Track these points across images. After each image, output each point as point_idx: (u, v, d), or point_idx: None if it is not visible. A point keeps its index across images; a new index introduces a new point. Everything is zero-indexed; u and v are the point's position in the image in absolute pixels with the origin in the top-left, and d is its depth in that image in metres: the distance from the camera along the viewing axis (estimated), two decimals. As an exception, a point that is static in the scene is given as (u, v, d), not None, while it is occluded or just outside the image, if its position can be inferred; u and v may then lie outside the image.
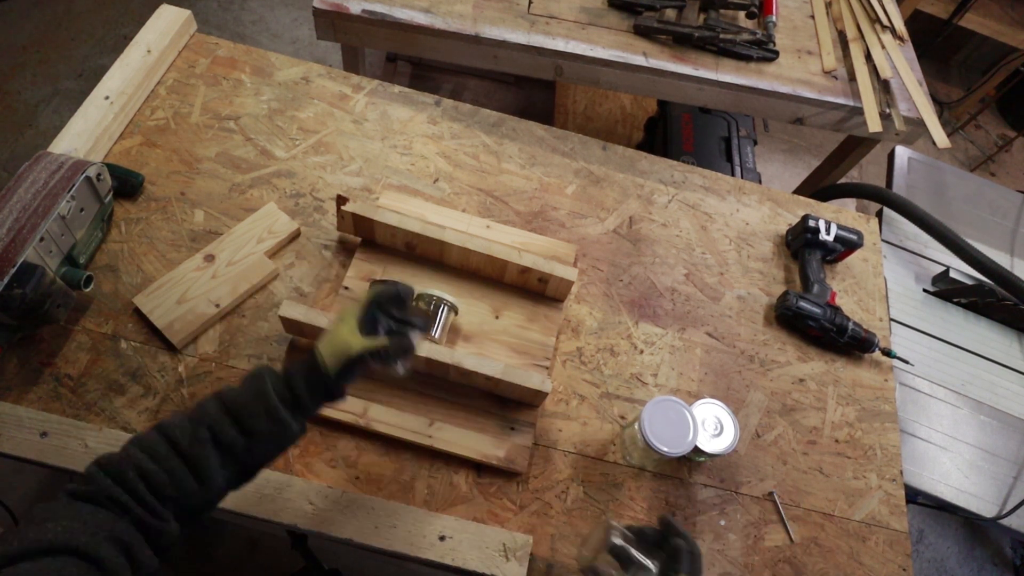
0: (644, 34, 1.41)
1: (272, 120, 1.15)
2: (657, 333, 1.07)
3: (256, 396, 0.66)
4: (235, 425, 0.64)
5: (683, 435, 0.87)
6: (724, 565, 0.91)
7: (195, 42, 1.21)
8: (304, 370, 0.68)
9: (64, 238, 0.89)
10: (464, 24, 1.34)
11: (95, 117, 1.05)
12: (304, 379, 0.68)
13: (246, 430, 0.64)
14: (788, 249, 1.21)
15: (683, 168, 1.27)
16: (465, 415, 0.92)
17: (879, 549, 0.96)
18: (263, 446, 0.66)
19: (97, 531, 0.54)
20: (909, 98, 1.43)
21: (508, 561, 0.82)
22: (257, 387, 0.66)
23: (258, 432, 0.65)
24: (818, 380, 1.08)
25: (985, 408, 1.26)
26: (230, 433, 0.64)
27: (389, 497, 0.86)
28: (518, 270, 0.99)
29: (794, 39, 1.50)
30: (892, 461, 1.03)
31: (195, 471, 0.62)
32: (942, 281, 1.36)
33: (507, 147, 1.22)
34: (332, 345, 0.69)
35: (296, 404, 0.67)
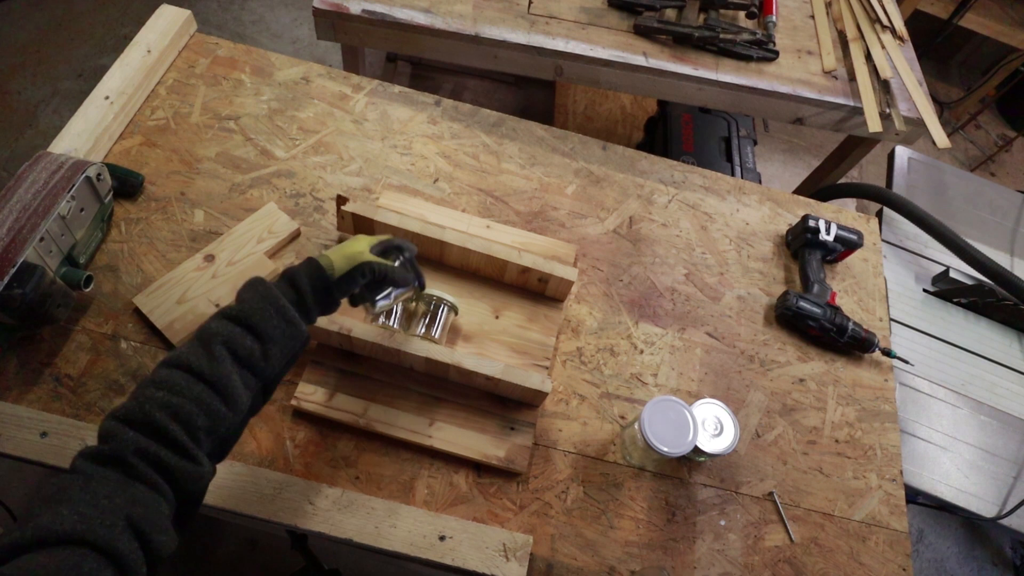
0: (644, 34, 1.41)
1: (272, 120, 1.15)
2: (657, 333, 1.07)
3: (263, 299, 0.65)
4: (248, 333, 0.63)
5: (683, 435, 0.87)
6: (724, 565, 0.91)
7: (195, 42, 1.21)
8: (307, 271, 0.69)
9: (64, 238, 0.89)
10: (464, 24, 1.34)
11: (95, 117, 1.05)
12: (306, 276, 0.68)
13: (260, 335, 0.63)
14: (788, 249, 1.21)
15: (683, 168, 1.27)
16: (465, 415, 0.92)
17: (879, 549, 0.96)
18: (278, 352, 0.65)
19: (115, 520, 0.51)
20: (909, 98, 1.43)
21: (508, 561, 0.82)
22: (261, 292, 0.65)
23: (271, 335, 0.64)
24: (818, 380, 1.08)
25: (985, 408, 1.26)
26: (246, 343, 0.62)
27: (389, 497, 0.87)
28: (518, 270, 0.99)
29: (794, 39, 1.50)
30: (892, 461, 1.03)
31: (222, 393, 0.60)
32: (942, 281, 1.36)
33: (507, 147, 1.22)
34: (342, 252, 0.72)
35: (301, 303, 0.67)
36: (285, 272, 0.69)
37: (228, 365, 0.61)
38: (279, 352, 0.65)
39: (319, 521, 0.81)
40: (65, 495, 0.51)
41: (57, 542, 0.49)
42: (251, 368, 0.63)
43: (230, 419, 0.61)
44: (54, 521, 0.49)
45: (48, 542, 0.48)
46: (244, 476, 0.82)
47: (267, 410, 0.89)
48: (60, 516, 0.49)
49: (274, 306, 0.65)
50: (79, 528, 0.49)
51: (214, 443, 0.60)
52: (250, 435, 0.88)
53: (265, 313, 0.64)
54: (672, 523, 0.92)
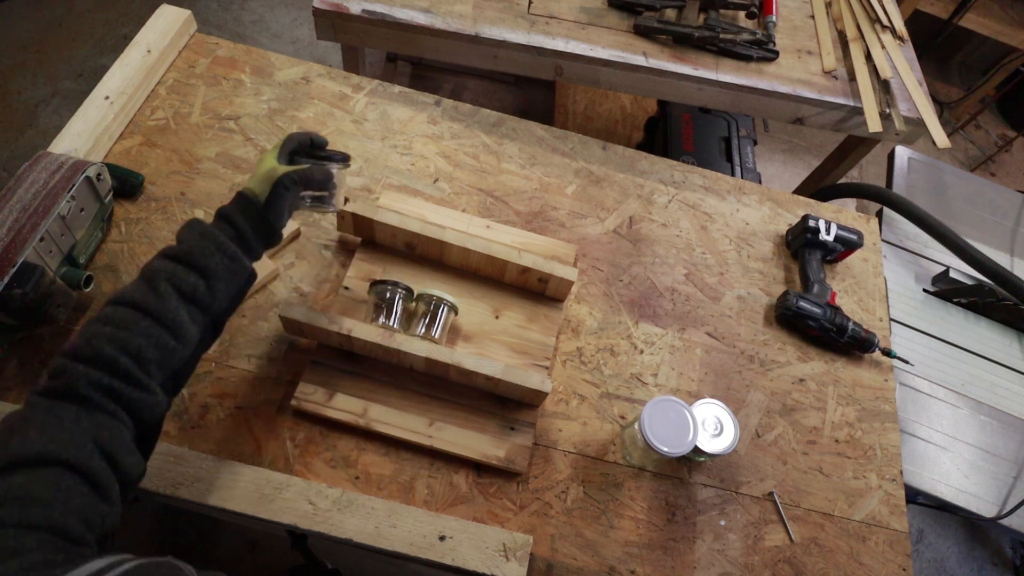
0: (644, 34, 1.41)
1: (272, 120, 1.15)
2: (657, 333, 1.07)
3: (202, 237, 0.67)
4: (192, 271, 0.64)
5: (683, 435, 0.87)
6: (724, 565, 0.91)
7: (195, 42, 1.21)
8: (237, 205, 0.70)
9: (64, 238, 0.89)
10: (464, 24, 1.34)
11: (95, 117, 1.05)
12: (239, 212, 0.70)
13: (204, 272, 0.65)
14: (788, 249, 1.21)
15: (683, 168, 1.27)
16: (465, 415, 0.92)
17: (879, 549, 0.96)
18: (223, 288, 0.67)
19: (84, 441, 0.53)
20: (909, 98, 1.43)
21: (508, 561, 0.82)
22: (199, 230, 0.67)
23: (215, 271, 0.65)
24: (818, 380, 1.08)
25: (985, 408, 1.26)
26: (189, 279, 0.64)
27: (389, 497, 0.87)
28: (518, 270, 0.99)
29: (794, 39, 1.50)
30: (892, 461, 1.03)
31: (170, 327, 0.62)
32: (942, 281, 1.36)
33: (507, 147, 1.22)
34: (256, 177, 0.72)
35: (240, 239, 0.69)
36: (218, 212, 0.71)
37: (174, 300, 0.62)
38: (224, 288, 0.67)
39: (319, 521, 0.81)
40: (30, 423, 0.53)
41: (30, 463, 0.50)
42: (197, 304, 0.64)
43: (180, 352, 0.63)
44: (24, 444, 0.51)
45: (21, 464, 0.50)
46: (244, 476, 0.82)
47: (267, 410, 0.90)
48: (30, 439, 0.51)
49: (214, 243, 0.66)
50: (50, 448, 0.51)
51: (166, 376, 0.62)
52: (250, 435, 0.88)
53: (206, 250, 0.66)
54: (672, 523, 0.92)
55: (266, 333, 0.95)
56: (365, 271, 1.00)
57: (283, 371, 0.93)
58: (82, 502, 0.51)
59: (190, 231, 0.68)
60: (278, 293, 0.99)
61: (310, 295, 0.99)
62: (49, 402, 0.55)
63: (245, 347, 0.93)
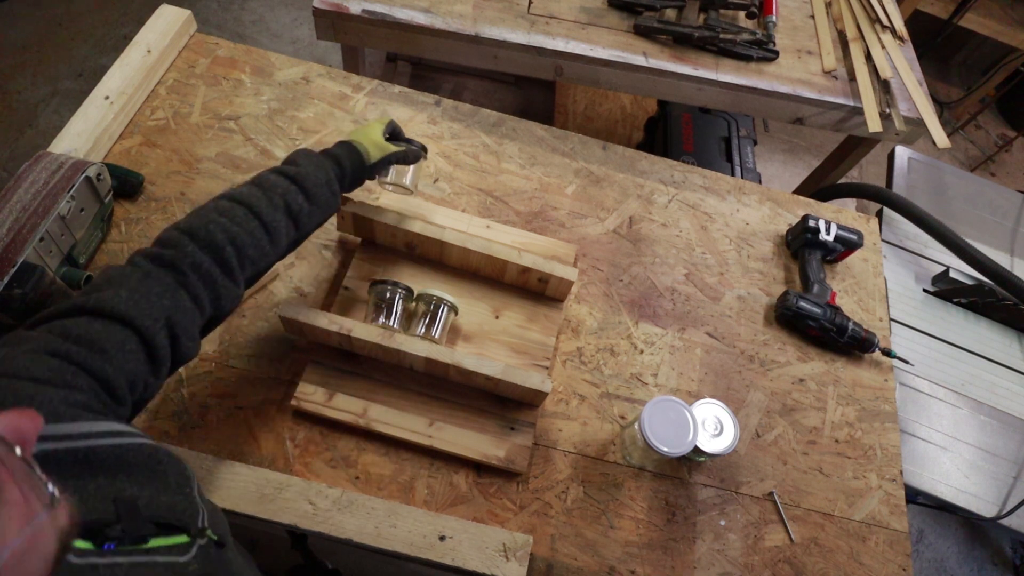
0: (644, 34, 1.41)
1: (272, 120, 1.15)
2: (657, 333, 1.07)
3: (318, 168, 0.77)
4: (302, 192, 0.74)
5: (683, 435, 0.87)
6: (724, 565, 0.91)
7: (195, 42, 1.21)
8: (350, 155, 0.81)
9: (64, 238, 0.89)
10: (464, 24, 1.34)
11: (95, 117, 1.05)
12: (350, 163, 0.81)
13: (310, 197, 0.75)
14: (788, 249, 1.21)
15: (683, 168, 1.27)
16: (465, 415, 0.92)
17: (879, 549, 0.96)
18: (318, 214, 0.77)
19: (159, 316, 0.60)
20: (909, 98, 1.43)
21: (508, 561, 0.82)
22: (316, 161, 0.78)
23: (319, 201, 0.76)
24: (818, 380, 1.08)
25: (985, 408, 1.26)
26: (299, 200, 0.74)
27: (389, 497, 0.87)
28: (518, 270, 0.99)
29: (794, 39, 1.50)
30: (892, 461, 1.03)
31: (271, 234, 0.71)
32: (942, 281, 1.36)
33: (507, 147, 1.22)
34: (372, 143, 0.84)
35: (342, 179, 0.80)
36: (329, 152, 0.80)
37: (282, 214, 0.72)
38: (319, 214, 0.77)
39: (319, 521, 0.81)
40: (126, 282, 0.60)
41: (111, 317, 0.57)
42: (296, 221, 0.74)
43: (271, 256, 0.72)
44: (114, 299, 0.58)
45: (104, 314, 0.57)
46: (244, 476, 0.82)
47: (267, 410, 0.90)
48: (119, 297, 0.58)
49: (326, 178, 0.77)
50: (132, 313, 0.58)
51: (252, 272, 0.71)
52: (250, 435, 0.88)
53: (318, 181, 0.76)
54: (672, 523, 0.92)
55: (266, 333, 0.95)
56: (365, 271, 1.00)
57: (283, 371, 0.93)
58: (136, 368, 0.58)
59: (307, 159, 0.77)
60: (278, 293, 0.99)
61: (310, 295, 0.99)
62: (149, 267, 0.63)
63: (245, 347, 0.93)
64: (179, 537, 0.51)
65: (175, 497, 0.53)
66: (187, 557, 0.51)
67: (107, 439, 0.51)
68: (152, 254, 0.64)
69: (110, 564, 0.45)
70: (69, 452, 0.47)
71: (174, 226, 0.67)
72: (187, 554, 0.51)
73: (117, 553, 0.46)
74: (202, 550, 0.52)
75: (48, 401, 0.49)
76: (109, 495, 0.48)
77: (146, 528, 0.48)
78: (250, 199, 0.70)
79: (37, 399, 0.49)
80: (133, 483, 0.50)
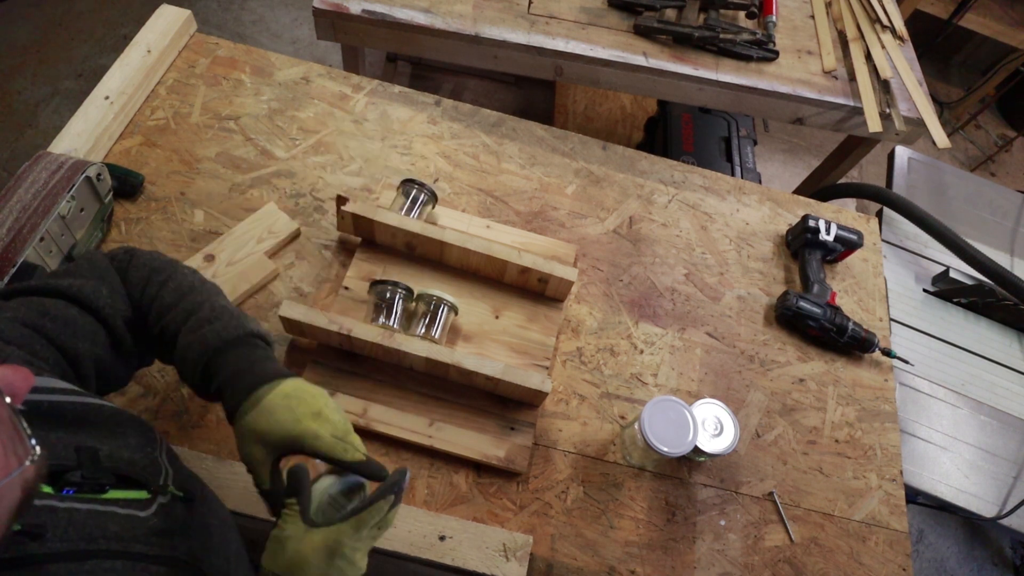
0: (644, 34, 1.41)
1: (272, 120, 1.15)
2: (657, 333, 1.07)
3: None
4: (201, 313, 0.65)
5: (683, 435, 0.87)
6: (724, 565, 0.91)
7: (195, 42, 1.21)
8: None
9: (64, 238, 0.89)
10: (464, 24, 1.34)
11: (95, 117, 1.05)
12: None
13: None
14: (788, 249, 1.21)
15: (683, 168, 1.27)
16: (465, 415, 0.92)
17: (879, 549, 0.96)
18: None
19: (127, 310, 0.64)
20: (909, 98, 1.43)
21: (508, 561, 0.82)
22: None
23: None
24: (818, 380, 1.08)
25: (985, 408, 1.26)
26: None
27: (389, 497, 0.86)
28: (518, 270, 0.99)
29: (794, 39, 1.50)
30: (892, 461, 1.03)
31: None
32: (942, 281, 1.36)
33: (507, 147, 1.22)
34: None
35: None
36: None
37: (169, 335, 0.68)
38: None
39: (319, 521, 0.81)
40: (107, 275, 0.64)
41: (82, 306, 0.60)
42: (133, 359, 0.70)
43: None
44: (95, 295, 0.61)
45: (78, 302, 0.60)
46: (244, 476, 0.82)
47: (267, 410, 0.90)
48: (100, 293, 0.62)
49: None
50: (107, 312, 0.61)
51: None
52: (250, 435, 0.88)
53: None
54: (672, 523, 0.92)
55: (266, 333, 0.95)
56: (365, 271, 1.00)
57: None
58: (103, 356, 0.61)
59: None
60: (278, 293, 0.99)
61: (310, 295, 0.99)
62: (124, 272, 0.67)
63: (245, 347, 0.93)
64: (139, 492, 0.52)
65: (135, 455, 0.54)
66: (147, 512, 0.51)
67: (70, 396, 0.52)
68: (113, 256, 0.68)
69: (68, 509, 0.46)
70: (32, 404, 0.48)
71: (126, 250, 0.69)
72: (147, 510, 0.51)
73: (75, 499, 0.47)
74: (163, 508, 0.53)
75: (15, 358, 0.52)
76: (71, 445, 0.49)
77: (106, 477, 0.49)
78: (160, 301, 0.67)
79: (2, 354, 0.51)
80: (94, 439, 0.51)
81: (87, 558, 0.45)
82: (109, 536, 0.47)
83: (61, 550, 0.43)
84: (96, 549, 0.45)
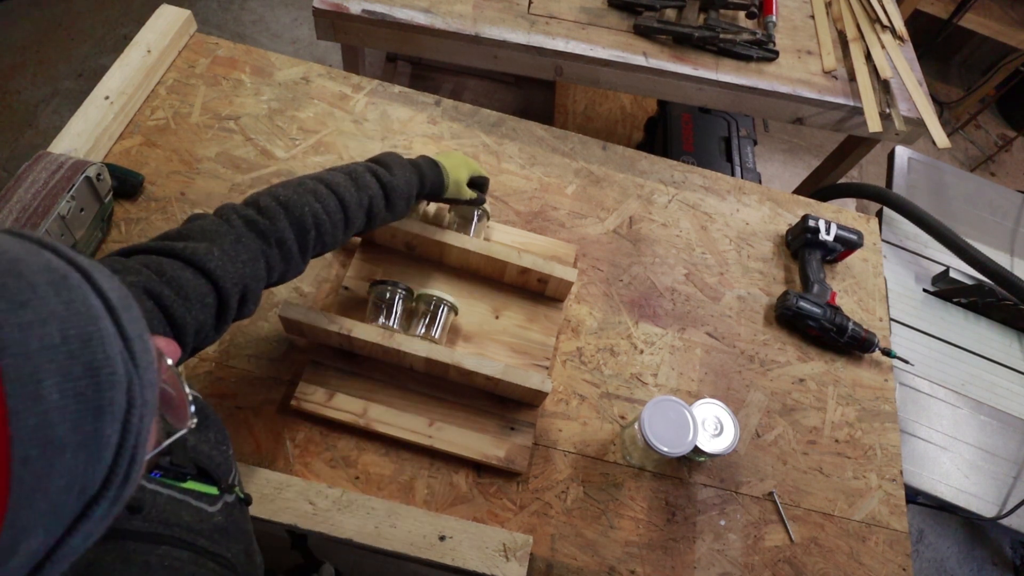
0: (644, 34, 1.41)
1: (272, 120, 1.15)
2: (657, 333, 1.07)
3: (407, 182, 0.82)
4: (385, 199, 0.80)
5: (683, 435, 0.87)
6: (724, 565, 0.91)
7: (195, 42, 1.21)
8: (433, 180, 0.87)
9: (64, 238, 0.89)
10: (464, 24, 1.34)
11: (95, 117, 1.05)
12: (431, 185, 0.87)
13: (391, 205, 0.81)
14: (788, 249, 1.21)
15: (683, 168, 1.27)
16: (465, 415, 0.92)
17: (879, 549, 0.96)
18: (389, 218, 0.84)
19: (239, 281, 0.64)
20: (909, 98, 1.43)
21: (508, 561, 0.82)
22: (407, 177, 0.83)
23: (397, 211, 0.83)
24: (818, 380, 1.08)
25: (985, 408, 1.26)
26: (381, 205, 0.80)
27: (389, 497, 0.87)
28: (518, 270, 0.99)
29: (794, 39, 1.50)
30: (892, 461, 1.03)
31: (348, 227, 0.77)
32: (942, 281, 1.36)
33: (507, 147, 1.22)
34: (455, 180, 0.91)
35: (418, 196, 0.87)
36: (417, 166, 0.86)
37: (363, 212, 0.78)
38: (389, 219, 0.84)
39: (319, 521, 0.81)
40: (219, 239, 0.64)
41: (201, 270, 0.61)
42: (371, 221, 0.81)
43: (339, 244, 0.78)
44: (207, 256, 0.62)
45: (195, 265, 0.61)
46: (244, 476, 0.82)
47: (267, 410, 0.90)
48: (212, 255, 0.62)
49: (408, 192, 0.83)
50: (219, 273, 0.62)
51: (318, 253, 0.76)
52: (250, 435, 0.88)
53: (403, 194, 0.82)
54: (672, 523, 0.92)
55: (266, 333, 0.95)
56: (365, 271, 1.00)
57: (283, 371, 0.93)
58: (206, 319, 0.62)
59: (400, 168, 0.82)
60: (278, 293, 0.99)
61: (310, 295, 0.99)
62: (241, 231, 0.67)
63: (245, 347, 0.93)
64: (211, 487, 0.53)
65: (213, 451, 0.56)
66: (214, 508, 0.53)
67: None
68: (247, 217, 0.68)
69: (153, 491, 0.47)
70: None
71: (271, 194, 0.71)
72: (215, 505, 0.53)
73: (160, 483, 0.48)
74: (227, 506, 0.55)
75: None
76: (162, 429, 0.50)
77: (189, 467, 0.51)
78: (344, 192, 0.75)
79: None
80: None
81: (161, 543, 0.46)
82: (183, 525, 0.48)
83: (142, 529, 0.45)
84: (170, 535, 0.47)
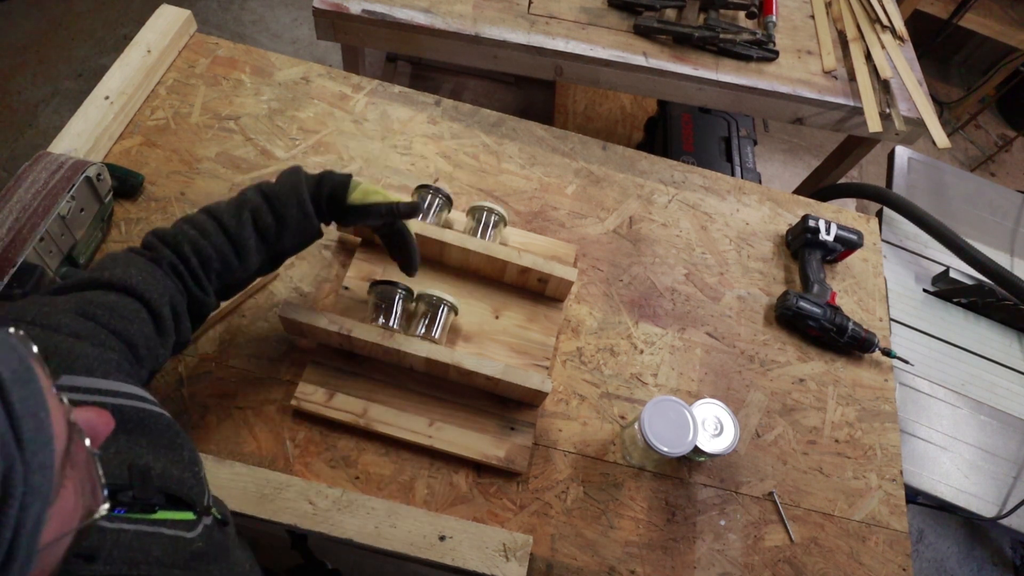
0: (644, 34, 1.41)
1: (272, 120, 1.15)
2: (657, 333, 1.07)
3: (291, 189, 0.77)
4: (271, 211, 0.75)
5: (683, 435, 0.87)
6: (724, 565, 0.91)
7: (195, 42, 1.21)
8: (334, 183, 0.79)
9: (64, 238, 0.89)
10: (464, 24, 1.34)
11: (95, 117, 1.05)
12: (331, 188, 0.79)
13: (279, 217, 0.76)
14: (788, 249, 1.21)
15: (683, 168, 1.27)
16: (465, 415, 0.92)
17: (879, 549, 0.96)
18: (289, 235, 0.77)
19: (164, 294, 0.65)
20: (909, 98, 1.43)
21: (508, 561, 0.82)
22: (292, 181, 0.77)
23: (288, 220, 0.76)
24: (818, 380, 1.08)
25: (985, 408, 1.26)
26: (266, 218, 0.75)
27: (389, 497, 0.87)
28: (518, 270, 0.99)
29: (794, 39, 1.50)
30: (892, 461, 1.03)
31: (238, 249, 0.73)
32: (942, 281, 1.36)
33: (507, 147, 1.22)
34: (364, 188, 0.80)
35: (317, 202, 0.79)
36: (319, 174, 0.80)
37: (249, 229, 0.74)
38: (290, 235, 0.77)
39: (319, 521, 0.81)
40: (132, 264, 0.65)
41: (125, 291, 0.62)
42: (265, 239, 0.76)
43: (239, 272, 0.75)
44: (126, 275, 0.63)
45: (117, 287, 0.62)
46: (244, 476, 0.82)
47: (267, 410, 0.90)
48: (130, 274, 0.63)
49: (297, 198, 0.77)
50: (142, 287, 0.63)
51: (221, 285, 0.74)
52: (250, 435, 0.88)
53: (288, 201, 0.76)
54: (672, 523, 0.92)
55: (266, 333, 0.95)
56: (365, 271, 1.00)
57: (283, 371, 0.93)
58: (150, 335, 0.63)
59: (287, 177, 0.78)
60: (278, 293, 0.99)
61: (310, 295, 0.99)
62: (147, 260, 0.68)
63: (245, 347, 0.93)
64: (186, 513, 0.52)
65: (185, 473, 0.54)
66: (193, 534, 0.51)
67: (133, 401, 0.53)
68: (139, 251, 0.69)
69: (116, 530, 0.45)
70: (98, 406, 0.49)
71: (153, 232, 0.71)
72: (193, 531, 0.51)
73: (124, 520, 0.46)
74: (207, 529, 0.53)
75: (85, 356, 0.53)
76: (126, 460, 0.49)
77: (156, 498, 0.49)
78: (222, 216, 0.73)
79: (75, 352, 0.52)
80: (150, 450, 0.52)
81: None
82: (151, 561, 0.46)
83: (104, 572, 0.43)
84: (136, 575, 0.45)
